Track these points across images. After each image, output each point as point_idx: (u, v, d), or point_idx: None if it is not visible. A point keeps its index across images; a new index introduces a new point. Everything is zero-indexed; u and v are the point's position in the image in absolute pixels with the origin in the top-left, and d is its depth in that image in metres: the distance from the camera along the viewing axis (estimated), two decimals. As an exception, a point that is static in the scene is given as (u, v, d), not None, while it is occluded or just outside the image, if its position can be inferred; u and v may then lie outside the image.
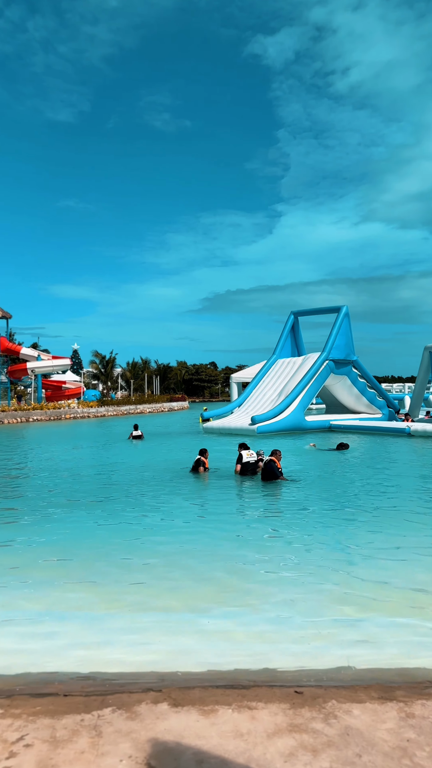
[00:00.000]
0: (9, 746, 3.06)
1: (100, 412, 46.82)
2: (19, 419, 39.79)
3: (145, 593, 5.82)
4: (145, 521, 9.16)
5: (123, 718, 3.35)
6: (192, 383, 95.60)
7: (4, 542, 7.92)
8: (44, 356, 53.77)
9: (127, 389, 70.07)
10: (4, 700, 3.64)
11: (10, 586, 6.07)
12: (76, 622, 5.13)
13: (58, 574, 6.49)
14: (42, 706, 3.54)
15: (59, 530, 8.60)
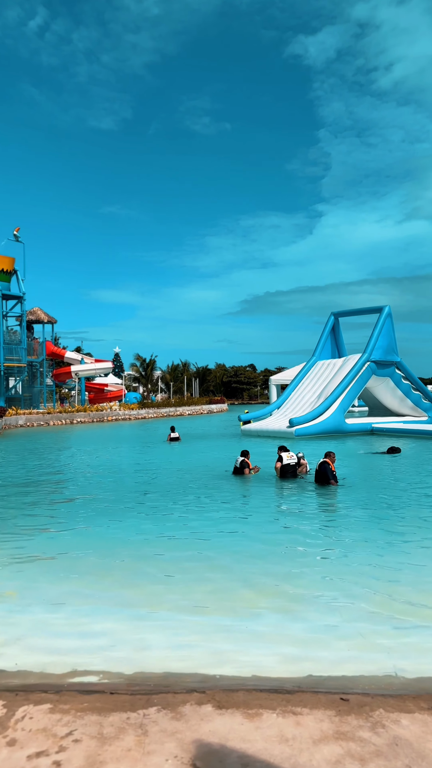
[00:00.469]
0: (59, 740, 3.13)
1: (141, 414, 47.46)
2: (64, 421, 40.79)
3: (188, 595, 5.85)
4: (188, 523, 9.21)
5: (168, 718, 3.38)
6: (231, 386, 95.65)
7: (50, 541, 8.12)
8: (87, 360, 54.95)
9: (166, 392, 70.76)
10: (53, 696, 3.73)
11: (56, 585, 6.22)
12: (121, 621, 5.21)
13: (103, 573, 6.61)
14: (89, 703, 3.61)
15: (102, 530, 8.75)
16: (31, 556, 7.37)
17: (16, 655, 4.53)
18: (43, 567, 6.90)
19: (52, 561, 7.14)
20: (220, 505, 10.59)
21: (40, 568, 6.84)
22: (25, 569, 6.84)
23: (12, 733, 3.22)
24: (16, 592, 6.06)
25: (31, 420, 39.10)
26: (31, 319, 50.02)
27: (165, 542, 7.99)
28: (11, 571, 6.77)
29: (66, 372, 52.11)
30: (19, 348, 44.92)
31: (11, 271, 44.55)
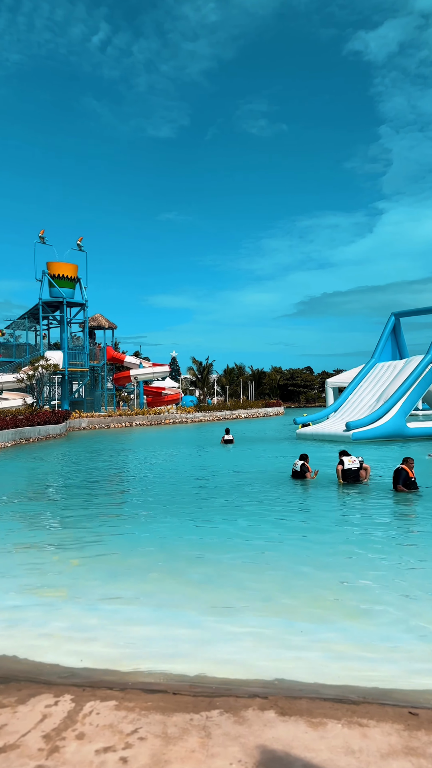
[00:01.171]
0: (125, 737, 3.20)
1: (197, 417, 47.88)
2: (123, 424, 41.81)
3: (249, 599, 5.84)
4: (248, 527, 9.19)
5: (231, 722, 3.37)
6: (287, 388, 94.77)
7: (112, 541, 8.33)
8: (145, 364, 56.08)
9: (222, 395, 71.05)
10: (118, 693, 3.81)
11: (118, 584, 6.37)
12: (182, 623, 5.26)
13: (164, 574, 6.70)
14: (153, 702, 3.66)
15: (162, 531, 8.88)
16: (94, 555, 7.59)
17: (81, 651, 4.67)
18: (106, 566, 7.08)
19: (115, 560, 7.32)
20: (281, 509, 10.49)
21: (103, 567, 7.03)
22: (89, 567, 7.04)
23: (80, 727, 3.32)
24: (66, 590, 6.25)
25: (93, 422, 40.33)
26: (92, 325, 51.67)
27: (224, 545, 8.01)
28: (76, 569, 6.99)
29: (125, 376, 53.40)
30: (82, 353, 46.50)
31: (75, 279, 46.21)
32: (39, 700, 3.68)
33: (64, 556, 7.63)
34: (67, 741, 3.16)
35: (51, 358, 40.87)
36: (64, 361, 43.69)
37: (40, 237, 45.92)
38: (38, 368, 38.45)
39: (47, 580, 6.61)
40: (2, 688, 3.88)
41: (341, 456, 13.32)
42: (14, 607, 5.73)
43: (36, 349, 46.96)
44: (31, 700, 3.68)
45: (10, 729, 3.28)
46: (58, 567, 7.13)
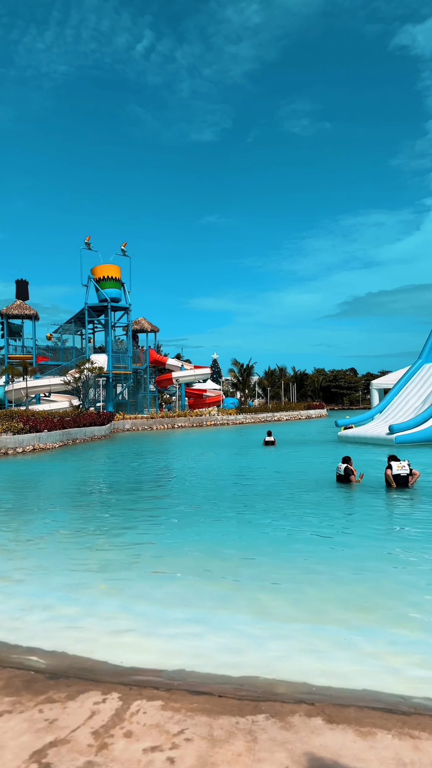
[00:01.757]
0: (171, 737, 3.22)
1: (239, 420, 47.84)
2: (166, 425, 42.26)
3: (293, 604, 5.78)
4: (292, 530, 9.10)
5: (277, 727, 3.34)
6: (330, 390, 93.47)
7: (155, 542, 8.41)
8: (187, 366, 56.54)
9: (264, 397, 70.73)
10: (164, 693, 3.84)
11: (159, 586, 6.43)
12: (226, 625, 5.26)
13: (206, 577, 6.72)
14: (198, 704, 3.67)
15: (205, 533, 8.91)
16: (138, 555, 7.68)
17: (126, 650, 4.73)
18: (150, 566, 7.15)
19: (159, 561, 7.39)
20: (325, 513, 10.35)
21: (147, 567, 7.10)
22: (133, 567, 7.13)
23: (128, 725, 3.36)
24: (105, 585, 6.34)
25: (136, 424, 40.94)
26: (136, 328, 52.53)
27: (269, 548, 7.96)
28: (121, 568, 7.10)
29: (167, 378, 54.00)
30: (125, 356, 47.33)
31: (118, 279, 47.10)
32: (87, 696, 3.75)
33: (109, 556, 7.76)
34: (115, 738, 3.21)
35: (96, 361, 41.78)
36: (108, 364, 44.58)
37: (86, 243, 47.08)
38: (84, 371, 39.36)
39: (93, 579, 6.74)
40: (52, 683, 3.98)
41: (390, 460, 13.01)
42: (61, 605, 5.87)
43: (82, 352, 48.13)
44: (80, 696, 3.76)
45: (61, 724, 3.36)
46: (104, 566, 7.26)
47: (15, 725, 3.34)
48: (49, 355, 48.01)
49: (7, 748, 3.09)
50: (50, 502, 12.22)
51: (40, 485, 15.05)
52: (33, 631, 5.15)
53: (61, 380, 41.02)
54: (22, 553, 7.99)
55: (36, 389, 41.39)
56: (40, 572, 7.02)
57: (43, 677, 4.09)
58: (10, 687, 3.88)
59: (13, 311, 44.86)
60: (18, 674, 4.13)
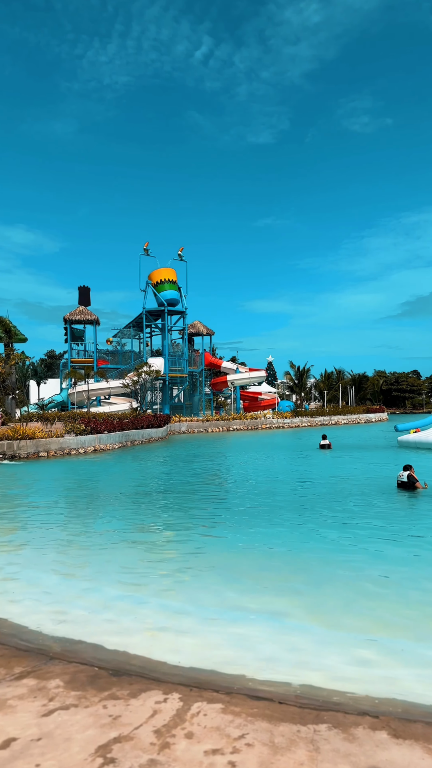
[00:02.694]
0: (232, 741, 3.22)
1: (294, 423, 47.32)
2: (221, 428, 42.43)
3: (355, 613, 5.64)
4: (354, 537, 8.90)
5: (340, 738, 3.27)
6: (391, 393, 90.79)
7: (212, 545, 8.45)
8: (242, 369, 56.53)
9: (320, 400, 69.63)
10: (224, 696, 3.85)
11: (218, 590, 6.44)
12: (287, 631, 5.21)
13: (266, 581, 6.68)
14: (259, 709, 3.65)
15: (263, 537, 8.86)
16: (196, 558, 7.74)
17: (186, 651, 4.78)
18: (210, 570, 7.19)
19: (216, 564, 7.42)
20: (387, 520, 10.05)
21: (205, 570, 7.15)
22: (192, 570, 7.20)
23: (189, 726, 3.39)
24: (184, 586, 6.41)
25: (192, 427, 41.34)
26: (191, 332, 53.10)
27: (329, 555, 7.82)
28: (180, 570, 7.17)
29: (222, 381, 54.20)
30: (181, 359, 47.95)
31: (174, 282, 47.83)
32: (149, 695, 3.81)
33: (168, 557, 7.87)
34: (177, 739, 3.24)
35: (153, 365, 42.55)
36: (165, 367, 45.29)
37: (144, 249, 48.12)
38: (141, 374, 40.18)
39: (153, 579, 6.85)
40: (115, 680, 4.08)
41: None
42: (123, 604, 6.00)
43: (140, 356, 49.20)
44: (142, 695, 3.82)
45: (124, 720, 3.43)
46: (163, 567, 7.36)
47: (81, 719, 3.44)
48: (108, 358, 49.38)
49: (74, 740, 3.19)
50: (112, 501, 12.54)
51: (102, 485, 15.49)
52: (96, 629, 5.30)
53: (120, 383, 42.06)
54: (85, 551, 8.24)
55: (97, 392, 42.64)
56: (103, 571, 7.21)
57: (107, 674, 4.20)
58: (76, 682, 4.00)
59: (76, 317, 46.47)
60: (83, 669, 4.25)
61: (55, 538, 9.16)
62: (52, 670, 4.20)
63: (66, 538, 9.14)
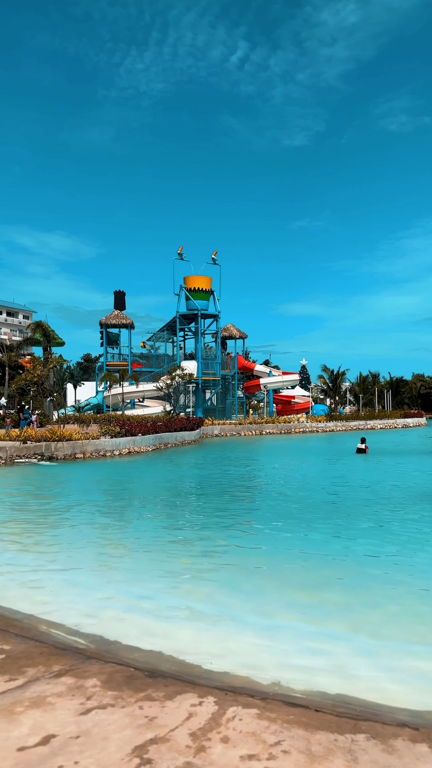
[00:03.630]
0: (268, 747, 3.19)
1: (329, 427, 46.76)
2: (253, 432, 42.30)
3: (393, 624, 5.53)
4: (396, 546, 8.73)
5: (378, 749, 3.20)
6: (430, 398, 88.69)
7: (246, 552, 8.42)
8: (275, 372, 56.26)
9: (355, 404, 68.62)
10: (260, 702, 3.82)
11: (252, 595, 6.41)
12: (323, 639, 5.14)
13: (302, 587, 6.62)
14: (295, 716, 3.61)
15: (299, 543, 8.78)
16: (228, 561, 7.73)
17: (220, 655, 4.77)
18: (244, 575, 7.17)
19: (250, 569, 7.39)
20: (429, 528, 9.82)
21: (241, 576, 7.13)
22: (224, 573, 7.19)
23: (224, 730, 3.38)
24: (220, 588, 6.41)
25: (224, 430, 41.37)
26: (224, 335, 53.19)
27: (367, 562, 7.69)
28: (212, 573, 7.18)
29: (255, 384, 54.06)
30: (214, 363, 48.08)
31: (209, 291, 48.05)
32: (184, 698, 3.83)
33: (202, 560, 7.89)
34: (212, 742, 3.24)
35: (186, 368, 42.81)
36: (198, 371, 45.50)
37: (178, 254, 48.54)
38: (175, 377, 40.46)
39: (188, 583, 6.88)
40: (151, 681, 4.10)
41: None
42: (159, 606, 6.04)
43: (173, 359, 49.57)
44: (178, 697, 3.84)
45: (160, 722, 3.45)
46: (198, 571, 7.38)
47: (118, 719, 3.48)
48: (143, 362, 49.96)
49: (111, 740, 3.23)
50: (148, 503, 12.66)
51: (138, 486, 15.66)
52: (131, 630, 5.35)
53: (153, 386, 42.47)
54: (121, 553, 8.34)
55: (131, 395, 43.17)
56: (139, 572, 7.29)
57: (142, 675, 4.23)
58: (112, 682, 4.05)
59: (112, 321, 47.21)
60: (119, 670, 4.30)
61: (92, 538, 9.31)
62: (89, 669, 4.26)
63: (103, 539, 9.28)
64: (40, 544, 8.90)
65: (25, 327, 69.40)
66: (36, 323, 36.78)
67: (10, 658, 4.36)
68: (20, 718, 3.41)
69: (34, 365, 30.00)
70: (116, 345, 49.50)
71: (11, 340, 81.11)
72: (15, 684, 3.90)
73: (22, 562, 7.77)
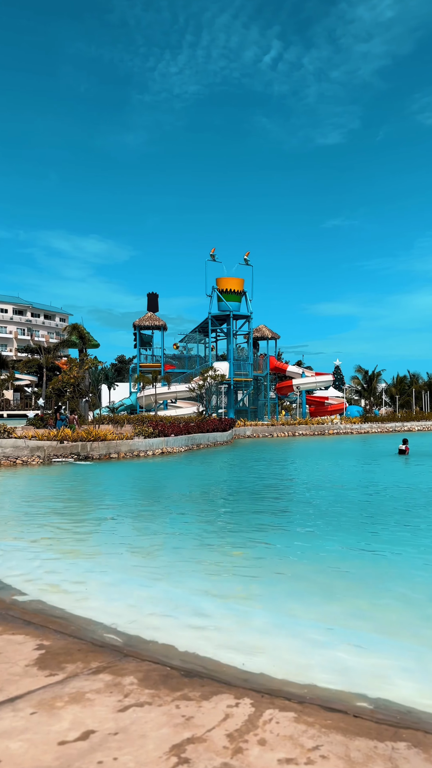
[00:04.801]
0: (306, 752, 3.16)
1: (363, 429, 46.05)
2: (286, 433, 42.02)
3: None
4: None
5: (420, 759, 3.13)
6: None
7: (282, 554, 8.37)
8: (308, 373, 55.76)
9: (392, 405, 67.32)
10: (297, 705, 3.79)
11: (289, 597, 6.36)
12: (361, 644, 5.06)
13: (334, 591, 6.53)
14: (333, 721, 3.56)
15: (337, 547, 8.67)
16: (263, 563, 7.70)
17: (256, 657, 4.75)
18: (278, 577, 7.13)
19: (285, 571, 7.34)
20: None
21: (276, 577, 7.09)
22: (260, 577, 7.16)
23: (261, 733, 3.36)
24: (256, 589, 6.39)
25: (257, 431, 41.23)
26: (256, 336, 53.04)
27: (411, 567, 7.54)
28: (248, 577, 7.16)
29: (288, 385, 53.70)
30: (246, 363, 48.00)
31: (241, 292, 48.02)
32: (221, 699, 3.82)
33: (239, 563, 7.87)
34: (249, 744, 3.22)
35: (218, 369, 42.87)
36: (230, 372, 45.51)
37: (211, 255, 48.67)
38: (207, 378, 40.59)
39: (225, 584, 6.88)
40: (186, 681, 4.12)
41: None
42: (194, 606, 6.06)
43: (205, 360, 49.72)
44: (214, 698, 3.84)
45: (197, 722, 3.46)
46: (234, 572, 7.38)
47: (155, 717, 3.50)
48: (175, 363, 50.30)
49: (149, 738, 3.25)
50: (183, 503, 12.73)
51: (172, 486, 15.77)
52: (167, 629, 5.38)
53: (186, 387, 42.70)
54: (158, 552, 8.41)
55: (164, 396, 43.52)
56: (175, 572, 7.33)
57: (178, 674, 4.25)
58: (149, 680, 4.08)
59: (145, 323, 47.72)
60: (155, 668, 4.33)
61: (129, 537, 9.42)
62: (126, 667, 4.31)
63: (140, 539, 9.37)
64: (78, 542, 9.05)
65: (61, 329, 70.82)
66: (72, 326, 37.51)
67: (49, 653, 4.45)
68: (60, 713, 3.48)
69: (70, 367, 30.59)
70: (149, 346, 49.99)
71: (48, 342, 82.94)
72: (55, 679, 3.97)
73: (60, 559, 7.92)
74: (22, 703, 3.61)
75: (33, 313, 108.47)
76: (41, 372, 36.55)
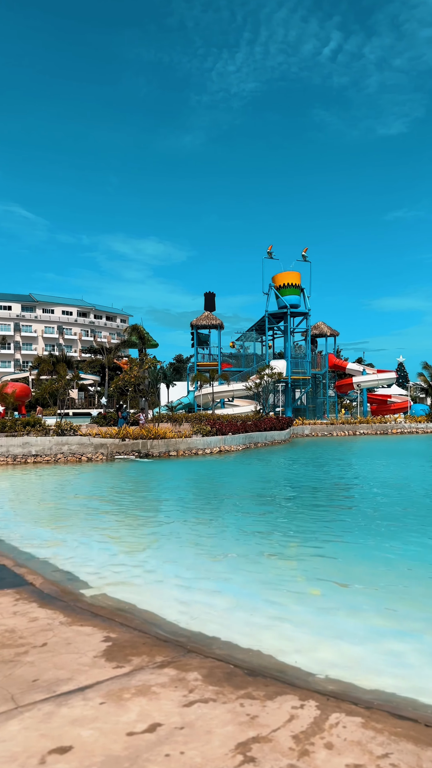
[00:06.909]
0: (375, 759, 3.07)
1: (430, 428, 44.36)
2: (346, 432, 41.16)
3: None
4: None
5: None
6: None
7: (346, 556, 8.20)
8: (369, 370, 54.34)
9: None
10: (364, 710, 3.70)
11: (355, 601, 6.22)
12: (430, 651, 4.88)
13: (404, 595, 6.33)
14: (403, 729, 3.45)
15: (399, 550, 8.41)
16: (329, 566, 7.57)
17: (322, 659, 4.68)
18: (344, 580, 6.99)
19: (348, 572, 7.20)
20: None
21: (340, 580, 6.95)
22: (325, 578, 7.05)
23: (328, 736, 3.30)
24: (320, 590, 6.30)
25: (315, 430, 40.64)
26: (314, 333, 52.25)
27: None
28: (308, 578, 7.07)
29: (348, 383, 52.57)
30: (304, 361, 47.39)
31: (298, 286, 47.46)
32: (285, 699, 3.79)
33: (301, 562, 7.79)
34: (316, 747, 3.18)
35: (275, 367, 42.57)
36: (287, 370, 45.07)
37: (268, 252, 48.42)
38: (264, 377, 40.40)
39: (288, 583, 6.82)
40: (251, 680, 4.11)
41: None
42: (257, 605, 6.05)
43: (262, 358, 49.50)
44: (278, 698, 3.81)
45: (262, 722, 3.45)
46: (297, 572, 7.31)
47: (220, 714, 3.52)
48: (232, 362, 50.39)
49: (215, 734, 3.27)
50: (244, 502, 12.75)
51: (232, 484, 15.82)
52: (230, 627, 5.40)
53: (243, 386, 42.69)
54: (220, 549, 8.46)
55: (221, 394, 43.72)
56: (237, 570, 7.35)
57: (242, 672, 4.25)
58: (213, 677, 4.10)
59: (202, 322, 48.12)
60: (218, 665, 4.35)
61: (190, 535, 9.53)
62: (189, 662, 4.36)
63: (201, 536, 9.46)
64: (141, 538, 9.26)
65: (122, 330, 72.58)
66: (132, 326, 38.39)
67: (116, 645, 4.57)
68: (128, 705, 3.56)
69: (130, 366, 31.33)
70: (206, 345, 50.36)
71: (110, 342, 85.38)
72: (122, 671, 4.07)
73: (125, 554, 8.13)
74: (92, 693, 3.73)
75: (96, 315, 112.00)
76: (103, 372, 37.67)
